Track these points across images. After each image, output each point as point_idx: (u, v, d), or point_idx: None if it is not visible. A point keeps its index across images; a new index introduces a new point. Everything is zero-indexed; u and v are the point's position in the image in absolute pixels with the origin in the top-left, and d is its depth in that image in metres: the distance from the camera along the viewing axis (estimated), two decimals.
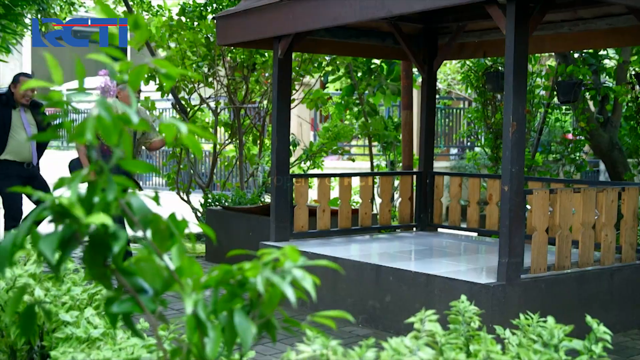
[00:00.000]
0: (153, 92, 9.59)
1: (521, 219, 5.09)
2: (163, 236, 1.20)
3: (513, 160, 4.97)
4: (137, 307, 1.19)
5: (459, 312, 2.27)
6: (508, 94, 4.97)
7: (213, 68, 9.15)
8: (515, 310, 4.27)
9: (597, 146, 8.86)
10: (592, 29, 6.64)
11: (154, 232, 1.20)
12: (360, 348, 1.74)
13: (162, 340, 2.31)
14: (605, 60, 9.09)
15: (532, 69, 9.03)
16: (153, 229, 1.20)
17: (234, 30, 6.80)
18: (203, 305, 1.18)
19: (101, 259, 1.17)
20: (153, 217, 1.19)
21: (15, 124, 7.31)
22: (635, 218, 5.94)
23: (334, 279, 5.88)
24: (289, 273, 1.16)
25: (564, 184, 7.09)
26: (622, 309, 5.73)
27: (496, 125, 8.58)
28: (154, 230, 1.20)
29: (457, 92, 16.21)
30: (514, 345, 2.18)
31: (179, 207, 10.34)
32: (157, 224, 1.20)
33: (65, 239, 1.14)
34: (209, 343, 1.15)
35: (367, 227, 7.28)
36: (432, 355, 1.82)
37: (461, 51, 7.87)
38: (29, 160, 7.42)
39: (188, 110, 9.33)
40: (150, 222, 1.19)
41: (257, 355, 4.71)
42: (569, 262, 5.50)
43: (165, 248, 1.21)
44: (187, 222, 1.25)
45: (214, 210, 8.39)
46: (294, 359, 1.68)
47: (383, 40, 7.46)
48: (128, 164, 1.20)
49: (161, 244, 1.20)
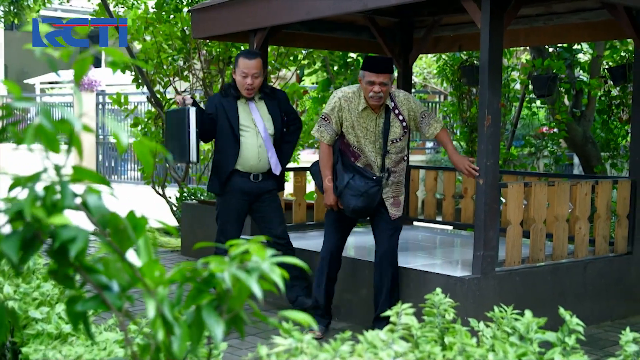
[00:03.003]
0: (128, 84, 9.51)
1: (496, 213, 5.11)
2: (122, 236, 1.18)
3: (488, 154, 4.99)
4: (102, 305, 1.17)
5: (434, 304, 2.27)
6: (483, 87, 4.99)
7: (189, 61, 9.09)
8: (490, 303, 4.29)
9: (571, 140, 8.93)
10: (566, 23, 6.68)
11: (113, 231, 1.18)
12: (336, 341, 1.74)
13: (135, 335, 2.29)
14: (580, 55, 9.15)
15: (507, 62, 9.07)
16: (112, 228, 1.18)
17: (209, 23, 6.76)
18: (169, 304, 1.17)
19: (64, 257, 1.15)
20: (111, 216, 1.17)
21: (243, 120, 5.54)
22: (608, 211, 5.99)
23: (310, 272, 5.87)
24: (256, 269, 1.15)
25: (539, 177, 7.14)
26: (595, 301, 5.79)
27: (471, 119, 8.62)
28: (113, 230, 1.18)
29: (433, 85, 16.26)
30: (489, 337, 2.19)
31: (154, 201, 10.31)
32: (116, 223, 1.17)
33: (27, 240, 1.13)
34: (175, 341, 1.14)
35: None
36: (407, 348, 1.82)
37: (437, 45, 7.89)
38: (261, 170, 5.57)
39: (163, 103, 9.27)
40: (109, 222, 1.17)
41: (231, 349, 4.70)
42: (543, 255, 5.54)
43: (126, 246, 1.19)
44: (147, 219, 1.23)
45: (189, 204, 8.36)
46: (267, 353, 1.67)
47: (359, 33, 7.45)
48: (78, 172, 1.17)
49: (121, 243, 1.18)
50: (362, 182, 5.05)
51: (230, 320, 1.20)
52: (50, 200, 1.13)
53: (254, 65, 5.43)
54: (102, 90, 18.33)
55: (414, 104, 5.16)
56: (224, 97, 5.54)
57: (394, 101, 5.09)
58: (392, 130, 5.09)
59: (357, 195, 5.04)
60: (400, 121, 5.11)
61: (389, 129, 5.07)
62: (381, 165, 5.13)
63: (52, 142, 1.14)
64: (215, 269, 1.17)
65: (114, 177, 17.74)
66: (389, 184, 5.17)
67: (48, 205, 1.12)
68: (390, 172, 5.15)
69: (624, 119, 7.88)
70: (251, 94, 5.48)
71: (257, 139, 5.51)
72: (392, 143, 5.11)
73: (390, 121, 5.08)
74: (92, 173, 1.18)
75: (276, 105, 5.61)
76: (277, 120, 5.59)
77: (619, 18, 5.73)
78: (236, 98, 5.53)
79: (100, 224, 1.15)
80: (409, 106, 5.13)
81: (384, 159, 5.13)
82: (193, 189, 8.66)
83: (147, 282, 1.17)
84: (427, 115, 5.22)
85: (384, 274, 5.13)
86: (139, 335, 2.31)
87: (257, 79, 5.44)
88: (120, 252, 1.17)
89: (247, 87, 5.42)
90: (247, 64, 5.41)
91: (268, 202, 5.64)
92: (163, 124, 9.32)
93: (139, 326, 2.36)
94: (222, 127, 5.51)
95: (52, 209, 1.12)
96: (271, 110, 5.58)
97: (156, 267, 1.19)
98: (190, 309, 1.22)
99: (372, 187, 5.04)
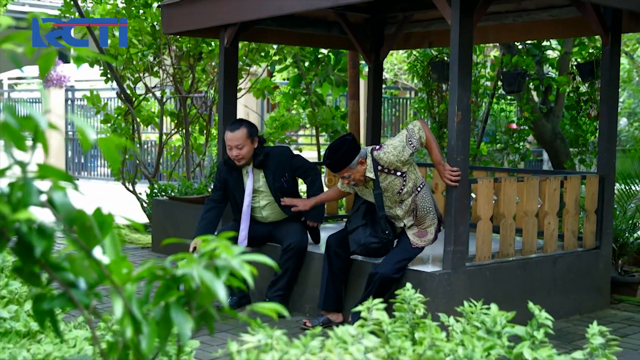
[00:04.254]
0: (98, 80, 9.42)
1: (466, 208, 5.14)
2: (89, 233, 1.16)
3: (458, 150, 5.02)
4: (70, 302, 1.15)
5: (405, 300, 2.28)
6: (453, 84, 5.01)
7: (159, 57, 9.03)
8: (460, 298, 4.31)
9: (540, 136, 9.00)
10: (536, 20, 6.74)
11: (79, 229, 1.17)
12: (306, 337, 1.74)
13: (105, 332, 2.27)
14: (549, 51, 9.23)
15: (477, 59, 9.12)
16: (78, 225, 1.16)
17: (179, 18, 6.72)
18: (137, 301, 1.15)
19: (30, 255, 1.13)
20: (78, 213, 1.15)
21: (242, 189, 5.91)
22: (577, 206, 6.06)
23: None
24: (225, 268, 1.14)
25: (508, 173, 7.19)
26: (564, 296, 5.85)
27: (441, 115, 8.65)
28: (79, 228, 1.16)
29: (404, 82, 16.32)
30: (458, 332, 2.20)
31: (124, 197, 10.23)
32: (83, 221, 1.16)
33: None
34: (143, 339, 1.13)
35: None
36: (376, 343, 1.82)
37: (407, 41, 7.91)
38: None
39: (133, 99, 9.20)
40: (75, 219, 1.16)
41: (202, 346, 4.68)
42: (512, 250, 5.59)
43: (93, 244, 1.17)
44: (113, 216, 1.22)
45: (160, 200, 8.30)
46: (237, 349, 1.66)
47: (329, 29, 7.45)
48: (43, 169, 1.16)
49: (88, 241, 1.16)
50: (365, 234, 5.18)
51: (199, 316, 1.20)
52: (16, 197, 1.11)
53: (235, 137, 5.68)
54: (72, 85, 18.14)
55: (393, 157, 5.03)
56: (228, 167, 5.89)
57: (379, 165, 5.07)
58: (390, 186, 5.13)
59: (356, 243, 5.22)
60: (394, 174, 5.10)
61: (381, 193, 5.13)
62: (395, 216, 5.23)
63: (17, 139, 1.12)
64: (183, 266, 1.16)
65: (83, 173, 17.56)
66: (408, 223, 5.23)
67: (13, 202, 1.11)
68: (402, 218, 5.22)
69: (593, 115, 7.96)
70: (241, 162, 5.74)
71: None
72: (399, 194, 5.15)
73: (380, 185, 5.11)
74: (57, 170, 1.16)
75: (274, 168, 5.81)
76: (277, 181, 5.82)
77: (587, 15, 5.79)
78: (239, 168, 5.87)
79: (66, 221, 1.14)
80: (389, 162, 5.04)
81: (393, 211, 5.22)
82: (164, 185, 8.60)
83: (114, 280, 1.16)
84: (407, 140, 5.06)
85: (369, 291, 5.06)
86: (108, 332, 2.30)
87: (242, 150, 5.68)
88: (87, 249, 1.15)
89: (234, 158, 5.72)
90: (228, 137, 5.70)
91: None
92: (133, 120, 9.26)
93: (108, 324, 2.34)
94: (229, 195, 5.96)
95: (17, 206, 1.10)
96: (267, 174, 5.81)
97: (124, 264, 1.18)
98: (159, 306, 1.21)
99: (372, 243, 5.18)
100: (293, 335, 2.15)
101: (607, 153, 6.06)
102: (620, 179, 7.43)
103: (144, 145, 13.95)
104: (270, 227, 5.98)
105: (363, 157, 5.05)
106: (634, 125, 16.44)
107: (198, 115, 9.51)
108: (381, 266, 5.10)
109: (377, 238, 5.16)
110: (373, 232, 5.18)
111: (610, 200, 6.20)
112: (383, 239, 5.17)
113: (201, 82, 9.43)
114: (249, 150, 5.70)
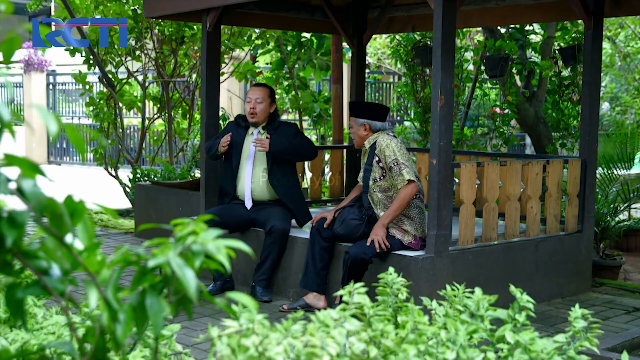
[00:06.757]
0: (79, 64, 9.33)
1: (449, 192, 5.15)
2: (60, 221, 1.14)
3: (441, 134, 5.02)
4: (44, 290, 1.13)
5: (387, 284, 2.27)
6: (436, 68, 5.00)
7: (140, 41, 8.96)
8: (443, 282, 4.33)
9: (523, 120, 9.02)
10: (519, 5, 6.73)
11: (50, 217, 1.14)
12: (287, 321, 1.73)
13: (85, 317, 2.25)
14: (531, 36, 9.23)
15: (460, 43, 9.11)
16: (49, 214, 1.14)
17: (161, 2, 6.65)
18: (112, 288, 1.13)
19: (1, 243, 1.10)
20: (48, 202, 1.13)
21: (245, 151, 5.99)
22: (559, 190, 6.08)
23: (255, 257, 5.85)
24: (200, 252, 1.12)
25: (491, 157, 7.20)
26: (547, 279, 5.88)
27: (425, 99, 8.63)
28: (50, 216, 1.14)
29: (387, 66, 16.29)
30: (441, 316, 2.20)
31: (107, 182, 10.17)
32: (53, 209, 1.14)
33: None
34: (119, 327, 1.11)
35: None
36: (358, 326, 1.81)
37: (390, 25, 7.88)
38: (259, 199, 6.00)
39: (115, 84, 9.12)
40: (46, 207, 1.13)
41: (185, 330, 4.67)
42: (495, 234, 5.61)
43: (64, 232, 1.15)
44: (84, 203, 1.19)
45: (143, 185, 8.26)
46: (218, 334, 1.65)
47: (312, 13, 7.41)
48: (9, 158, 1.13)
49: (60, 229, 1.14)
50: (349, 213, 5.35)
51: (177, 301, 1.18)
52: None
53: (258, 91, 5.92)
54: (53, 70, 17.98)
55: (387, 151, 5.18)
56: (236, 124, 6.02)
57: (375, 146, 5.26)
58: (373, 169, 5.27)
59: (339, 220, 5.36)
60: (377, 163, 5.25)
61: (370, 169, 5.29)
62: (367, 202, 5.32)
63: None
64: (157, 253, 1.14)
65: (65, 158, 17.45)
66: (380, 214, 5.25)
67: None
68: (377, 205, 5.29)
69: (575, 100, 7.98)
70: (253, 118, 5.87)
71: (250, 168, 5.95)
72: (374, 182, 5.27)
73: (372, 162, 5.26)
74: (23, 159, 1.13)
75: (280, 135, 5.87)
76: (280, 144, 5.84)
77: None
78: (246, 128, 5.96)
79: (36, 209, 1.11)
80: (386, 144, 5.20)
81: (366, 195, 5.33)
82: (146, 170, 8.55)
83: (87, 267, 1.14)
84: (394, 166, 5.15)
85: (344, 272, 5.14)
86: (88, 318, 2.28)
87: (260, 104, 5.84)
88: (59, 237, 1.13)
89: (249, 111, 5.86)
90: (252, 90, 5.98)
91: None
92: (115, 104, 9.19)
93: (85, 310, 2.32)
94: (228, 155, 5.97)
95: None
96: (273, 140, 5.81)
97: (97, 251, 1.16)
98: (135, 292, 1.19)
99: (352, 219, 5.31)
100: (276, 319, 2.14)
101: (589, 137, 6.08)
102: (602, 163, 7.47)
103: (126, 129, 13.86)
104: (253, 211, 5.97)
105: (369, 125, 5.32)
106: (616, 109, 16.53)
107: (181, 99, 9.45)
108: (352, 247, 5.17)
109: (358, 215, 5.33)
110: (357, 212, 5.36)
111: (592, 184, 6.22)
112: (363, 215, 5.30)
113: (183, 66, 9.36)
114: (265, 109, 5.88)
